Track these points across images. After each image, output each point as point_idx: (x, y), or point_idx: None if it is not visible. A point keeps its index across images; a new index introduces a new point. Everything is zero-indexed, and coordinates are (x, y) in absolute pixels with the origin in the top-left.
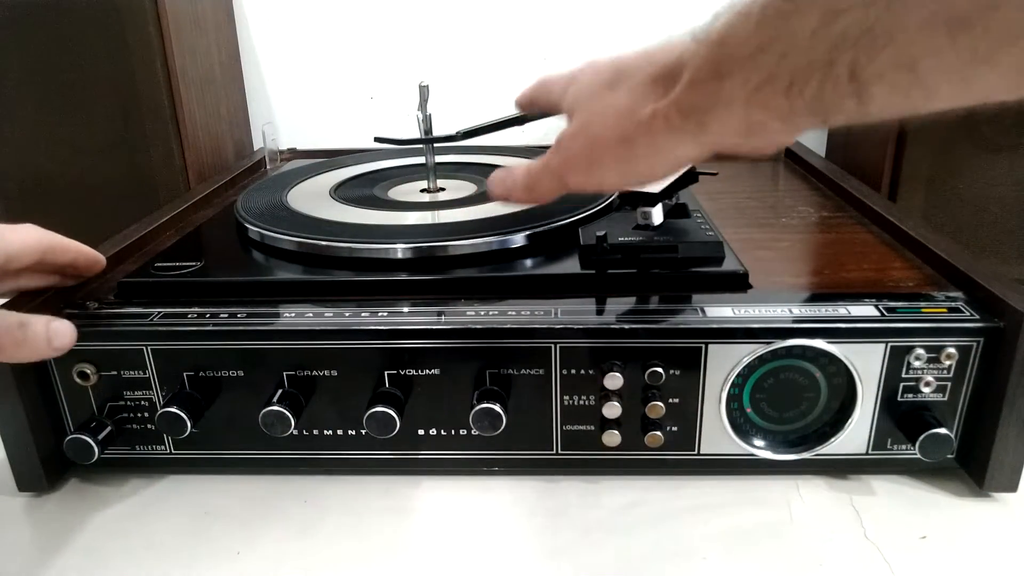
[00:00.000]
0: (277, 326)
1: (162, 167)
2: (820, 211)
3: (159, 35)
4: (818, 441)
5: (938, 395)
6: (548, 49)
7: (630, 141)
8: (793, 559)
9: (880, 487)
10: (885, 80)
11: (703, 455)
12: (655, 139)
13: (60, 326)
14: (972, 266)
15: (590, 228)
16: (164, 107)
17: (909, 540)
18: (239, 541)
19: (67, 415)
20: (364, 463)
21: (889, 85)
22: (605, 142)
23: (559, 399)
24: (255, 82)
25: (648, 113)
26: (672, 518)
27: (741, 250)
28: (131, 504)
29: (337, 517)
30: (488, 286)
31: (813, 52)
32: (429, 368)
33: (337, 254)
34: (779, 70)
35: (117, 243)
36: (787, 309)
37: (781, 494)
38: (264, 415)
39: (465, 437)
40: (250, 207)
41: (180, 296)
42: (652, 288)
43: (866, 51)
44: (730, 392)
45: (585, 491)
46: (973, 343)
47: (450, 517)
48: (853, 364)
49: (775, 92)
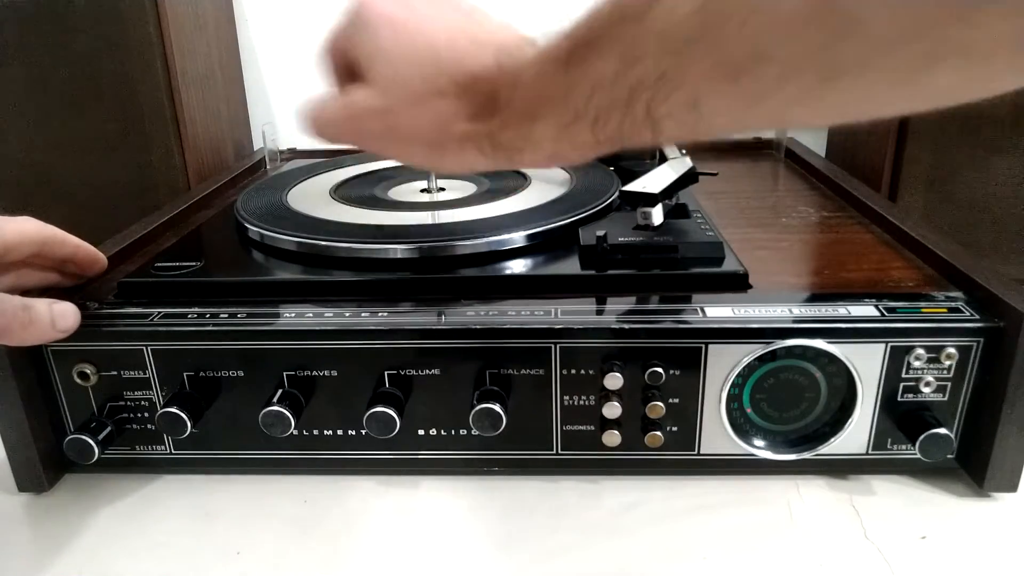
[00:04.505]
0: (277, 326)
1: (162, 167)
2: (820, 211)
3: (159, 35)
4: (818, 441)
5: (938, 395)
6: None
7: (441, 150)
8: (793, 559)
9: (880, 487)
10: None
11: (703, 455)
12: (464, 155)
13: (63, 308)
14: (972, 266)
15: (590, 228)
16: (164, 107)
17: (909, 540)
18: (239, 541)
19: (67, 415)
20: (364, 463)
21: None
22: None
23: (559, 399)
24: (255, 82)
25: (460, 133)
26: (672, 518)
27: (741, 250)
28: (131, 504)
29: (337, 517)
30: (488, 286)
31: (615, 93)
32: (429, 368)
33: (337, 254)
34: (586, 109)
35: (117, 243)
36: (787, 309)
37: (781, 494)
38: (264, 415)
39: (465, 437)
40: (250, 207)
41: (180, 296)
42: (652, 288)
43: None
44: (730, 392)
45: (585, 491)
46: (973, 343)
47: (450, 517)
48: (853, 364)
49: (582, 129)
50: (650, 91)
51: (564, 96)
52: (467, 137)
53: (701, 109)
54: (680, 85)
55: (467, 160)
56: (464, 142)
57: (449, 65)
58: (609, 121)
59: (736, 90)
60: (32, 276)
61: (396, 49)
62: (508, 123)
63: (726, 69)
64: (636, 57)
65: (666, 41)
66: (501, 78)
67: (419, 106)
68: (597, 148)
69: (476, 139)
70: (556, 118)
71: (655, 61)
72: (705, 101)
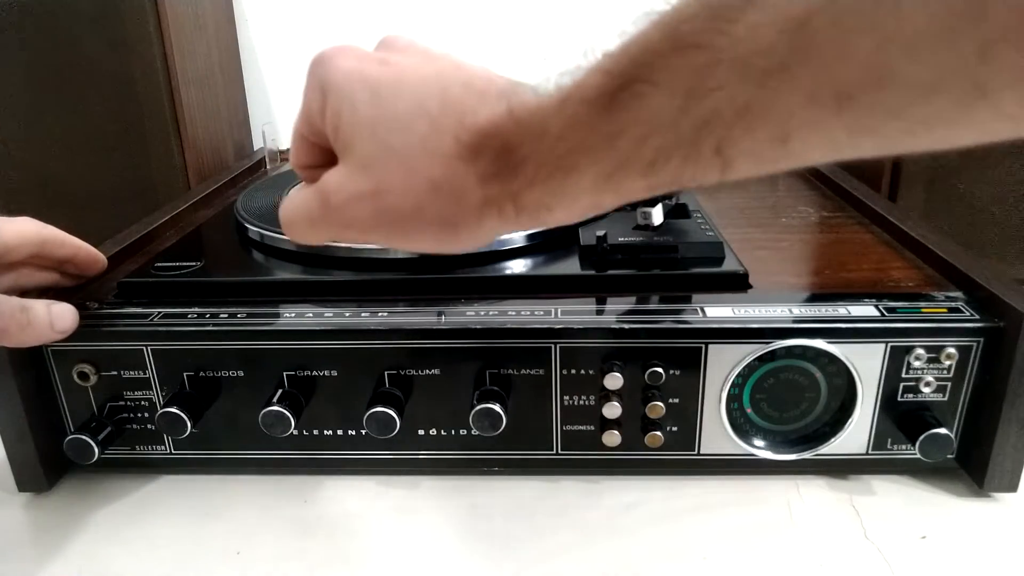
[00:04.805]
0: (277, 326)
1: (162, 167)
2: (820, 211)
3: (159, 35)
4: (818, 441)
5: (938, 395)
6: (548, 49)
7: (453, 227)
8: (793, 559)
9: (880, 487)
10: (754, 154)
11: (703, 455)
12: (482, 226)
13: (62, 309)
14: (972, 266)
15: (590, 228)
16: (164, 107)
17: (909, 540)
18: (239, 541)
19: (67, 415)
20: (364, 463)
21: (757, 157)
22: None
23: (559, 399)
24: (255, 82)
25: (479, 201)
26: (672, 518)
27: (741, 250)
28: (131, 504)
29: (337, 517)
30: (488, 286)
31: (677, 132)
32: (429, 368)
33: (337, 254)
34: (638, 154)
35: (117, 243)
36: (787, 309)
37: (781, 494)
38: (264, 415)
39: (465, 437)
40: (250, 207)
41: (180, 296)
42: (652, 288)
43: (737, 128)
44: (730, 392)
45: (585, 491)
46: (973, 343)
47: (450, 517)
48: (853, 364)
49: (629, 175)
50: (724, 127)
51: (607, 142)
52: (486, 203)
53: (791, 145)
54: (766, 119)
55: (486, 231)
56: (483, 210)
57: (448, 123)
58: (668, 164)
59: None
60: (32, 277)
61: (379, 113)
62: (534, 180)
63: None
64: (707, 90)
65: (748, 69)
66: (517, 130)
67: (417, 178)
68: (647, 193)
69: (497, 204)
70: (596, 168)
71: (733, 93)
72: (797, 135)
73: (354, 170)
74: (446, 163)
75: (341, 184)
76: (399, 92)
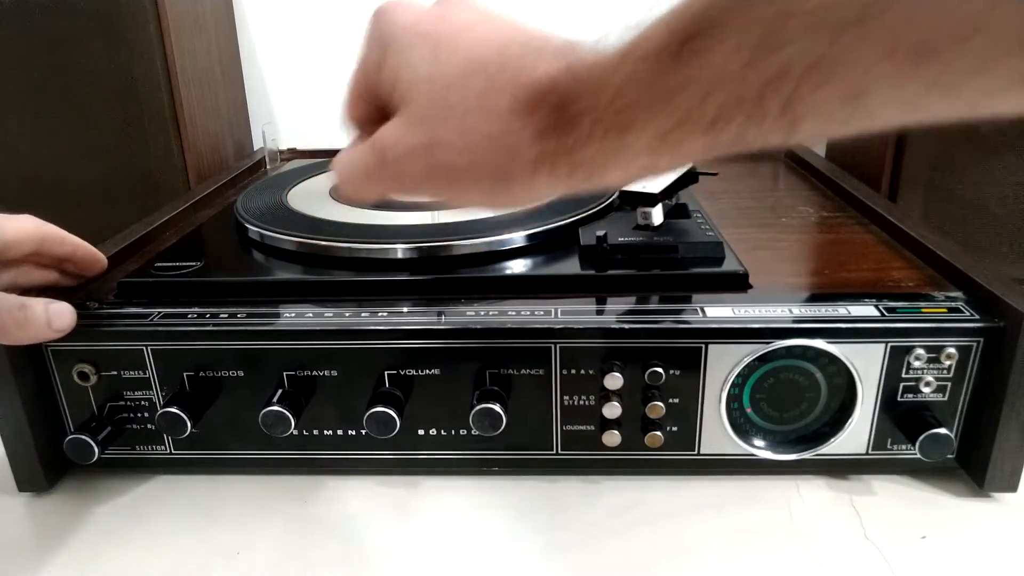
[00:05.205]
0: (277, 326)
1: (162, 167)
2: (820, 211)
3: (159, 35)
4: (818, 441)
5: (938, 395)
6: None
7: (506, 181)
8: (793, 559)
9: (880, 487)
10: (823, 112)
11: (703, 455)
12: (535, 182)
13: (59, 307)
14: (972, 266)
15: (590, 228)
16: (164, 107)
17: (909, 540)
18: (239, 541)
19: (67, 415)
20: (364, 463)
21: (825, 116)
22: (471, 175)
23: (559, 399)
24: (255, 82)
25: (533, 156)
26: (672, 518)
27: (741, 250)
28: (131, 504)
29: (337, 517)
30: (488, 286)
31: (743, 89)
32: (429, 368)
33: (337, 254)
34: (701, 111)
35: (117, 243)
36: (787, 309)
37: (781, 494)
38: (264, 415)
39: (465, 437)
40: (250, 207)
41: (180, 296)
42: (652, 288)
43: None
44: (730, 392)
45: (585, 491)
46: (973, 343)
47: (450, 517)
48: (853, 364)
49: (691, 132)
50: (793, 83)
51: (666, 99)
52: (540, 159)
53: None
54: (838, 74)
55: (538, 187)
56: (536, 166)
57: (505, 79)
58: (730, 124)
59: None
60: (31, 275)
61: (437, 70)
62: (591, 137)
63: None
64: (777, 44)
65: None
66: (575, 85)
67: (473, 134)
68: (706, 154)
69: (550, 160)
70: (654, 125)
71: (804, 47)
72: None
73: (411, 124)
74: (502, 119)
75: (399, 138)
76: (457, 48)
